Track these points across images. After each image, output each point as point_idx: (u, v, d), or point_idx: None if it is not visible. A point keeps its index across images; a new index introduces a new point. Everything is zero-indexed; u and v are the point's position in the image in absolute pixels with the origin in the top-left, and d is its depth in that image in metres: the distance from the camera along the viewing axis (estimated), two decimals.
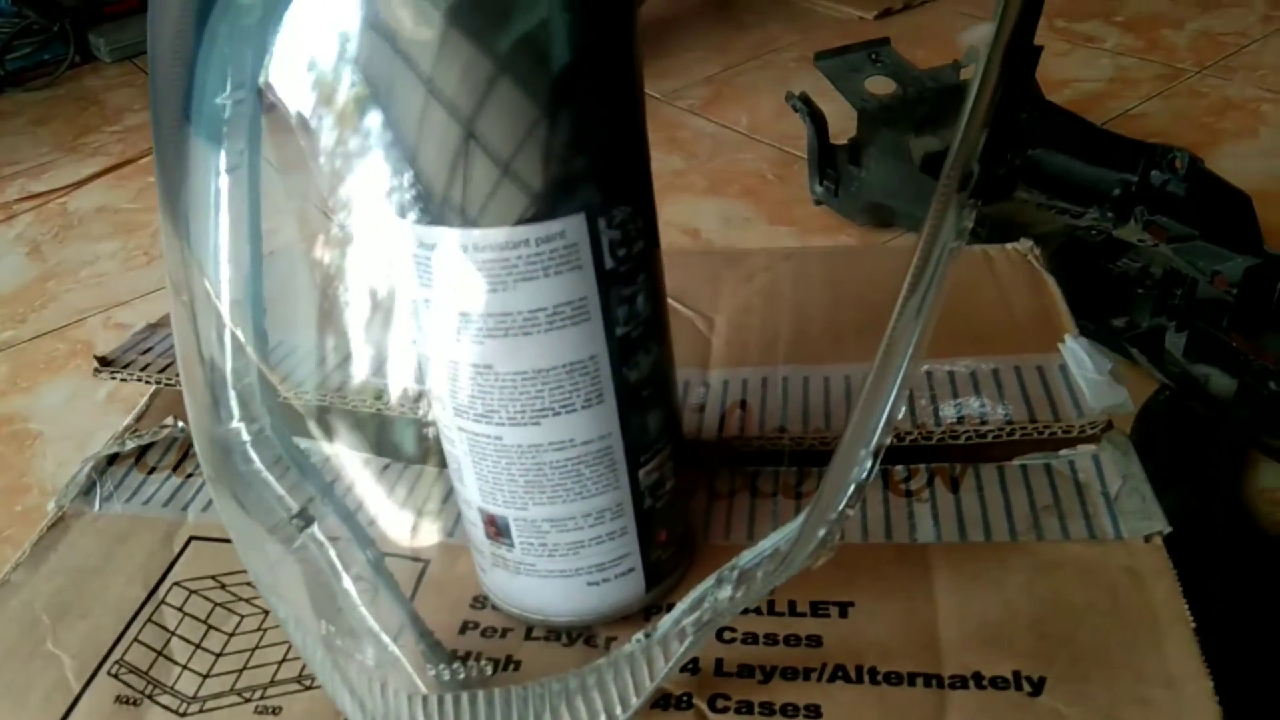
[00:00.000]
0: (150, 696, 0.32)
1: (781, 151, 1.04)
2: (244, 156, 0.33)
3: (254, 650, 0.33)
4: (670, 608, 0.33)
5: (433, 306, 0.28)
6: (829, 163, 0.93)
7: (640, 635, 0.29)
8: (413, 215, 0.27)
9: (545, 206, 0.26)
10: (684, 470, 0.33)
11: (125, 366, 0.42)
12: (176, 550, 0.37)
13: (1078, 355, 0.38)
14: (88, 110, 1.40)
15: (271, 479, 0.32)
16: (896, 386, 0.27)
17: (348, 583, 0.32)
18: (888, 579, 0.33)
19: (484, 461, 0.30)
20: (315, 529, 0.32)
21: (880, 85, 0.94)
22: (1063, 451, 0.36)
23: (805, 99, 0.90)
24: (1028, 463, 0.36)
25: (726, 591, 0.28)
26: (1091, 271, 0.80)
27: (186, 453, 0.41)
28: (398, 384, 0.37)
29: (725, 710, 0.30)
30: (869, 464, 0.28)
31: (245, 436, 0.32)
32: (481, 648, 0.33)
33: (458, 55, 0.25)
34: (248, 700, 0.31)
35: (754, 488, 0.37)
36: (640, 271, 0.29)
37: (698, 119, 1.15)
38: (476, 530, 0.33)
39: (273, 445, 0.33)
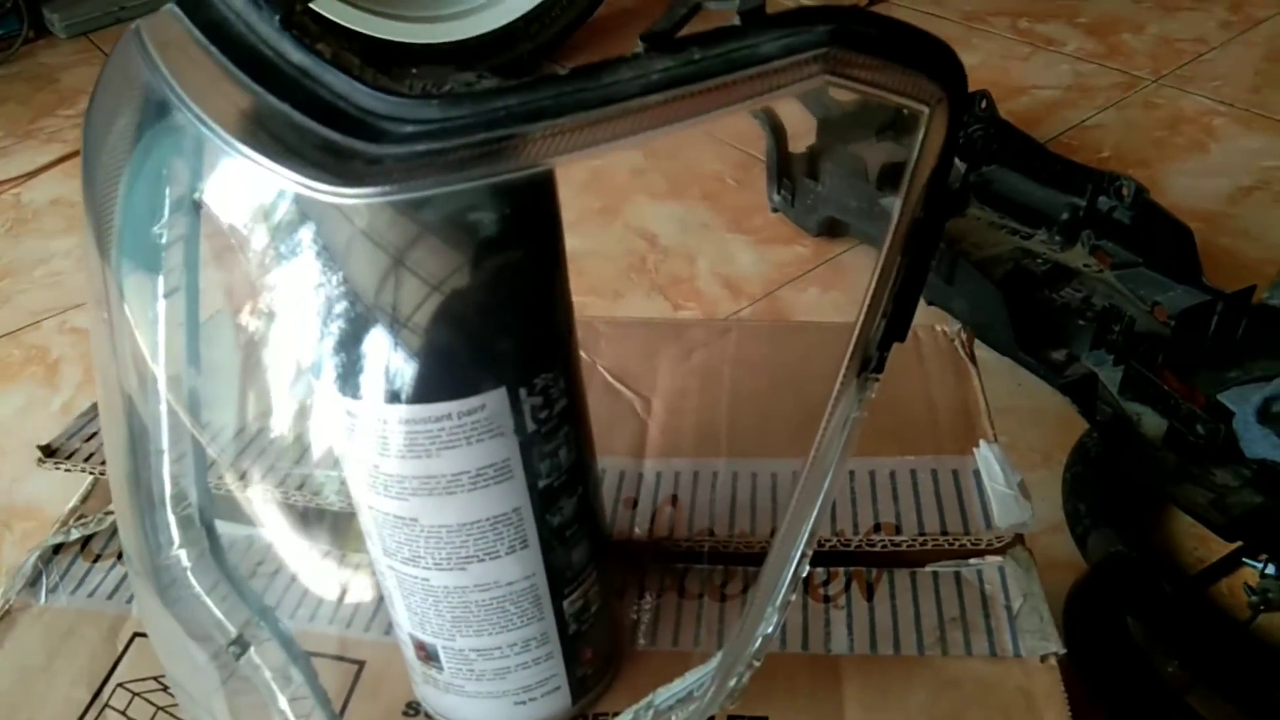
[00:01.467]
0: None
1: (743, 153, 1.05)
2: (182, 279, 0.34)
3: None
4: (595, 719, 0.35)
5: (356, 462, 0.29)
6: (786, 172, 0.94)
7: None
8: (335, 384, 0.28)
9: (467, 385, 0.27)
10: (614, 569, 0.35)
11: (69, 456, 0.43)
12: (120, 648, 0.38)
13: (990, 465, 0.40)
14: (43, 91, 1.38)
15: (210, 603, 0.33)
16: (800, 546, 0.29)
17: (284, 703, 0.33)
18: (800, 692, 0.35)
19: (412, 596, 0.32)
20: (252, 652, 0.33)
21: (845, 91, 0.94)
22: (972, 561, 0.38)
23: (765, 108, 0.91)
24: (939, 569, 0.38)
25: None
26: (1035, 301, 0.82)
27: None
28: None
29: None
30: (774, 619, 0.29)
31: (186, 563, 0.33)
32: None
33: (379, 245, 0.26)
34: None
35: (681, 587, 0.39)
36: (563, 427, 0.30)
37: None
38: (407, 650, 0.34)
39: (212, 570, 0.34)
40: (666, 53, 0.22)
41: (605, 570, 0.34)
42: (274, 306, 0.29)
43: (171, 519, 0.34)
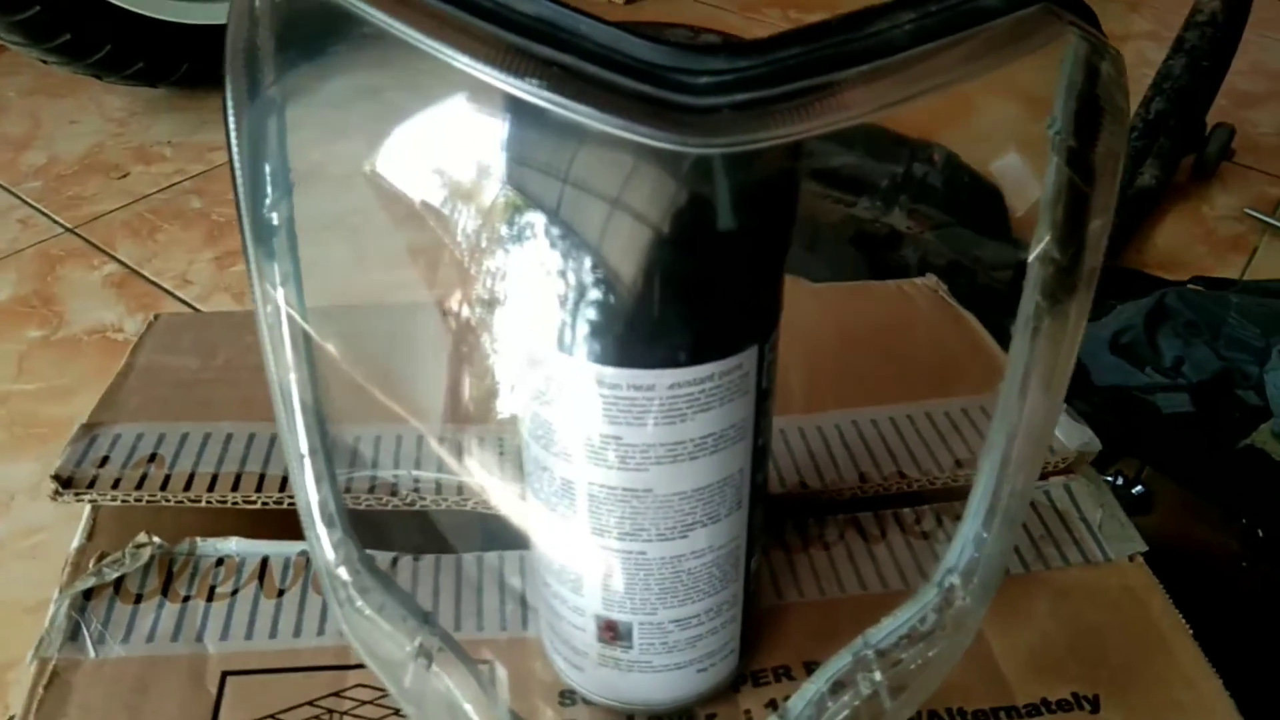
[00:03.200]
0: None
1: None
2: (291, 267, 0.31)
3: None
4: (755, 675, 0.35)
5: (583, 439, 0.28)
6: None
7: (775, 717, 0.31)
8: (592, 356, 0.26)
9: (733, 343, 0.27)
10: None
11: (91, 485, 0.37)
12: (214, 691, 0.33)
13: None
14: None
15: (380, 620, 0.30)
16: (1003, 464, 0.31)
17: (470, 710, 0.31)
18: None
19: (617, 575, 0.31)
20: (435, 666, 0.30)
21: None
22: (1038, 485, 0.41)
23: None
24: None
25: (867, 686, 0.31)
26: (886, 261, 0.89)
27: (170, 570, 0.37)
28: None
29: None
30: (988, 538, 0.31)
31: (346, 577, 0.30)
32: None
33: (667, 204, 0.25)
34: None
35: (783, 541, 0.40)
36: (774, 383, 0.30)
37: None
38: (582, 635, 0.33)
39: (369, 581, 0.31)
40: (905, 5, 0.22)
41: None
42: (510, 284, 0.27)
43: (322, 531, 0.30)
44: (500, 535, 0.40)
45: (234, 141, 0.28)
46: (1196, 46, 1.01)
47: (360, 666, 0.34)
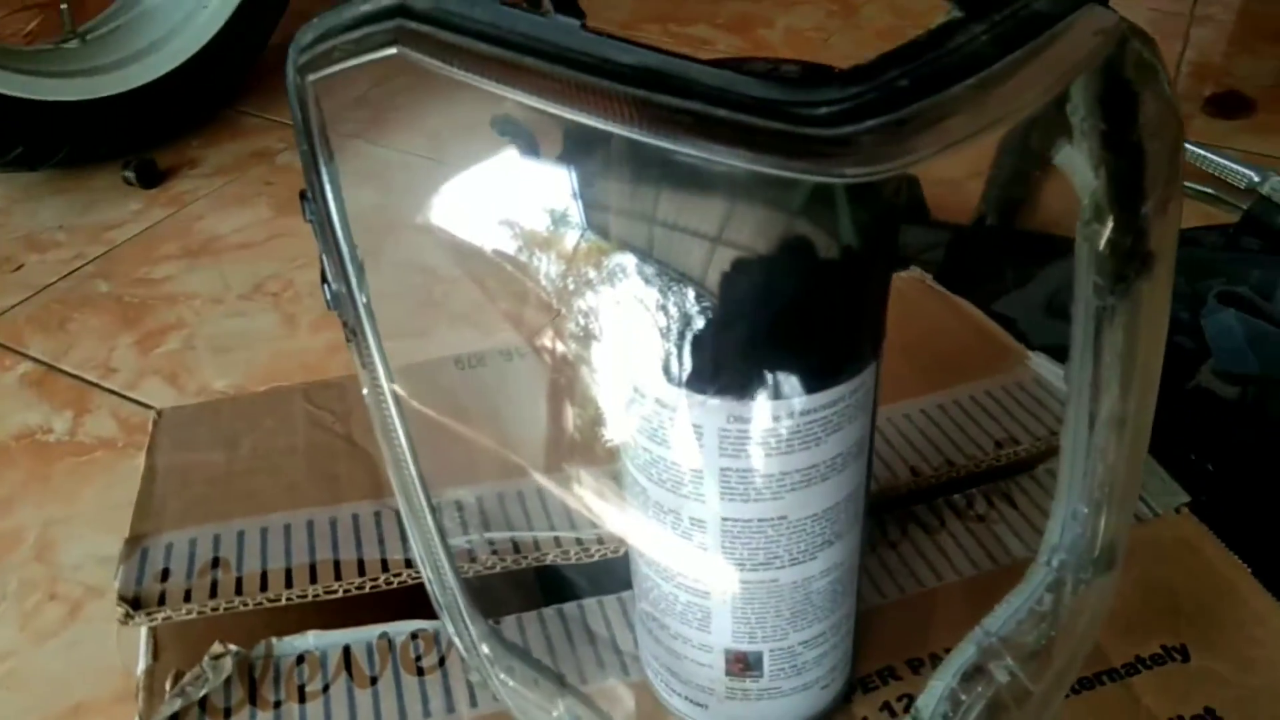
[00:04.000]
0: None
1: None
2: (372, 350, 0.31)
3: None
4: (863, 682, 0.36)
5: (714, 476, 0.28)
6: None
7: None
8: (722, 395, 0.27)
9: (859, 362, 0.28)
10: None
11: (161, 601, 0.35)
12: None
13: (1050, 369, 0.46)
14: None
15: (522, 689, 0.30)
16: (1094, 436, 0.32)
17: None
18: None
19: (749, 605, 0.31)
20: None
21: None
22: None
23: (508, 119, 0.91)
24: (1050, 468, 0.43)
25: (1003, 675, 0.31)
26: None
27: (252, 677, 0.35)
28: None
29: None
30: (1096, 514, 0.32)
31: (488, 652, 0.30)
32: None
33: (808, 230, 0.25)
34: None
35: None
36: None
37: (378, 148, 1.10)
38: (709, 671, 0.33)
39: (497, 647, 0.30)
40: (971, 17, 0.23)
41: None
42: (616, 331, 0.27)
43: (466, 611, 0.30)
44: (571, 585, 0.40)
45: (337, 229, 0.28)
46: None
47: None
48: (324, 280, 0.31)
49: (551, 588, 0.41)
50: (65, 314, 0.91)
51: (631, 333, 0.27)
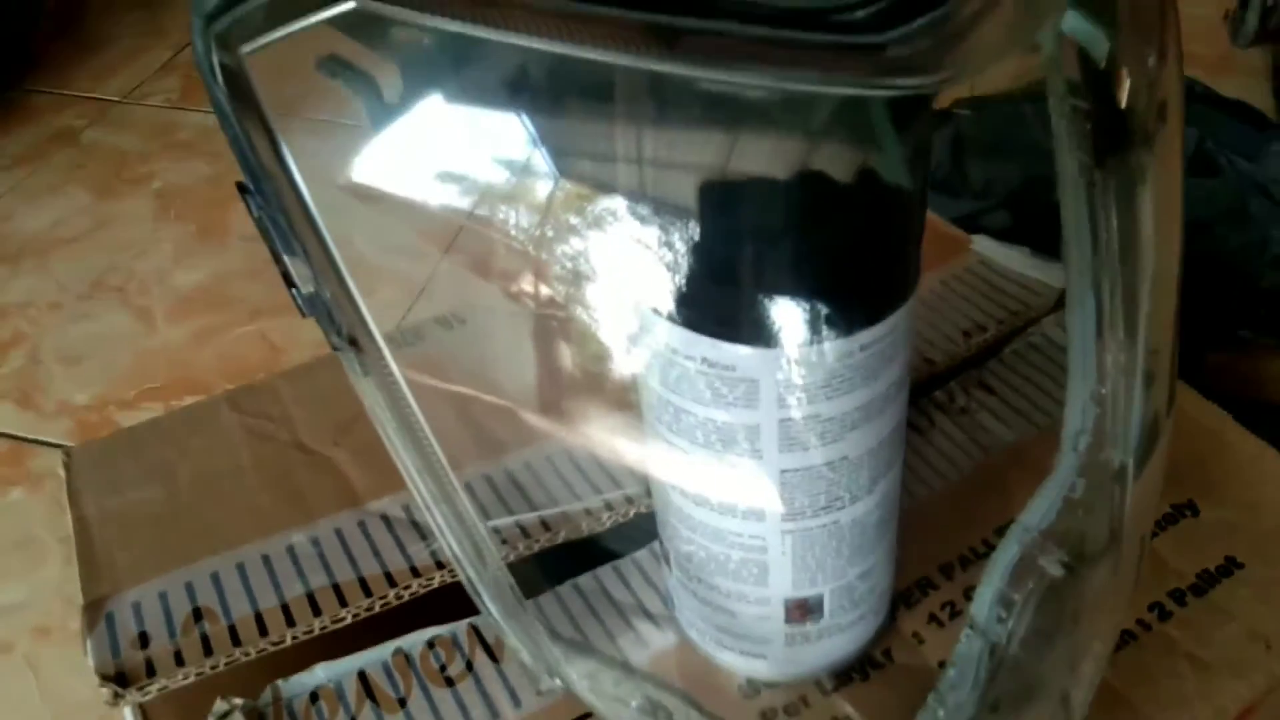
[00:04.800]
0: None
1: None
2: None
3: None
4: (903, 596, 0.35)
5: (772, 428, 0.26)
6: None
7: (966, 629, 0.32)
8: (785, 342, 0.24)
9: (908, 288, 0.26)
10: None
11: (150, 673, 0.30)
12: None
13: (993, 248, 0.45)
14: None
15: (600, 685, 0.28)
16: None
17: None
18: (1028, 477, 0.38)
19: (809, 551, 0.29)
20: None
21: None
22: (1030, 329, 0.43)
23: (337, 60, 0.85)
24: (1017, 348, 0.43)
25: (1054, 565, 0.31)
26: None
27: None
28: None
29: None
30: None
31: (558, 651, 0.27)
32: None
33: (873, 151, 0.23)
34: None
35: None
36: None
37: (191, 114, 1.01)
38: (767, 623, 0.31)
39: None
40: None
41: None
42: (657, 283, 0.24)
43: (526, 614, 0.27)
44: (569, 556, 0.38)
45: (316, 220, 0.24)
46: None
47: None
48: (290, 285, 0.26)
49: (550, 563, 0.38)
50: None
51: (669, 292, 0.25)
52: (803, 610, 0.31)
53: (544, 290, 0.30)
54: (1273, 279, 0.67)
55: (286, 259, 0.27)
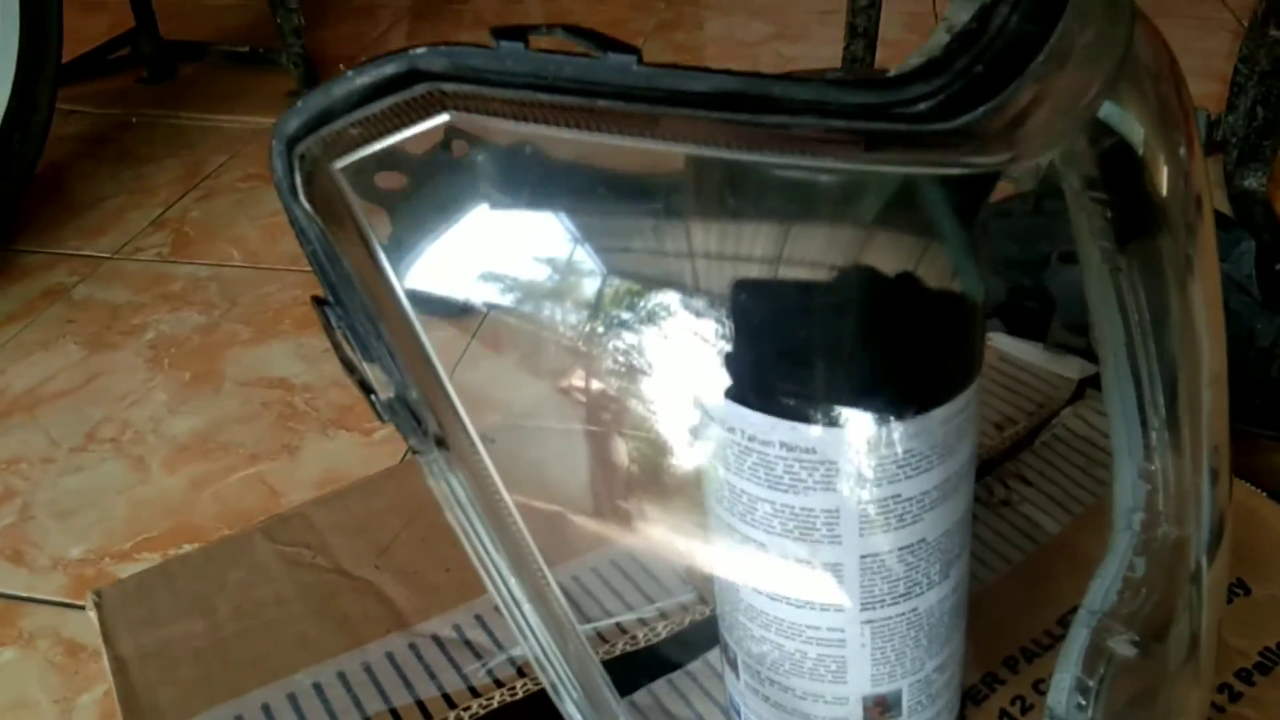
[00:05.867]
0: None
1: (305, 274, 0.98)
2: None
3: None
4: (969, 694, 0.35)
5: (854, 509, 0.26)
6: None
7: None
8: (868, 420, 0.25)
9: (977, 366, 0.26)
10: None
11: None
12: None
13: (1006, 342, 0.47)
14: None
15: None
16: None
17: None
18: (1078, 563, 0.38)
19: (889, 644, 0.29)
20: None
21: None
22: (1054, 422, 0.44)
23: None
24: (1045, 440, 0.44)
25: (1127, 649, 0.31)
26: None
27: None
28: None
29: None
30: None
31: None
32: None
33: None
34: None
35: None
36: None
37: (182, 266, 1.02)
38: None
39: None
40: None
41: None
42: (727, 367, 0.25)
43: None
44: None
45: (409, 316, 0.24)
46: None
47: None
48: (369, 392, 0.26)
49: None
50: None
51: (748, 377, 0.25)
52: (882, 708, 0.30)
53: (595, 386, 0.30)
54: (1261, 371, 0.69)
55: (365, 366, 0.27)
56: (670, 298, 0.26)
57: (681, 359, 0.27)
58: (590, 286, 0.27)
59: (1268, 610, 0.36)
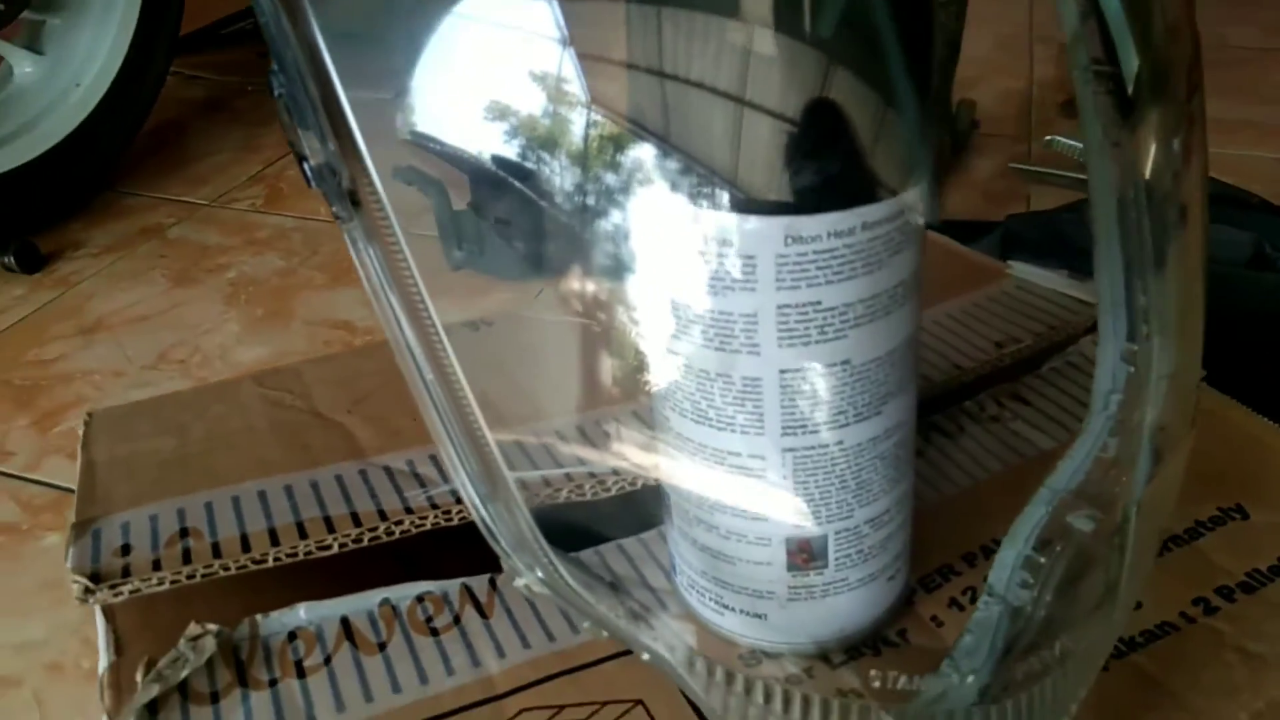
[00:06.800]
0: None
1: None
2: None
3: None
4: (922, 582, 0.33)
5: (772, 313, 0.25)
6: (463, 228, 0.93)
7: (985, 596, 0.29)
8: (775, 210, 0.24)
9: (914, 171, 0.25)
10: None
11: (125, 575, 0.29)
12: None
13: (1030, 271, 0.45)
14: None
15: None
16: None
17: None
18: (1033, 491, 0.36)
19: (811, 478, 0.28)
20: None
21: None
22: (1070, 349, 0.42)
23: (415, 170, 0.89)
24: (1056, 365, 0.42)
25: (1085, 524, 0.29)
26: None
27: (238, 659, 0.30)
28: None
29: None
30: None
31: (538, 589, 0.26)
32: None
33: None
34: None
35: None
36: None
37: (271, 217, 1.06)
38: (768, 570, 0.29)
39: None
40: None
41: None
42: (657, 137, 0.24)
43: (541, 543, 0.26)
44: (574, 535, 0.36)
45: (331, 73, 0.24)
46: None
47: (516, 691, 0.29)
48: (302, 160, 0.27)
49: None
50: None
51: (666, 161, 0.25)
52: (806, 555, 0.29)
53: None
54: None
55: (300, 133, 0.27)
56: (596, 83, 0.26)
57: (622, 145, 0.26)
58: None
59: (1265, 536, 0.33)
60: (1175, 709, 0.28)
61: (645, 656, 0.27)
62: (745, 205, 0.24)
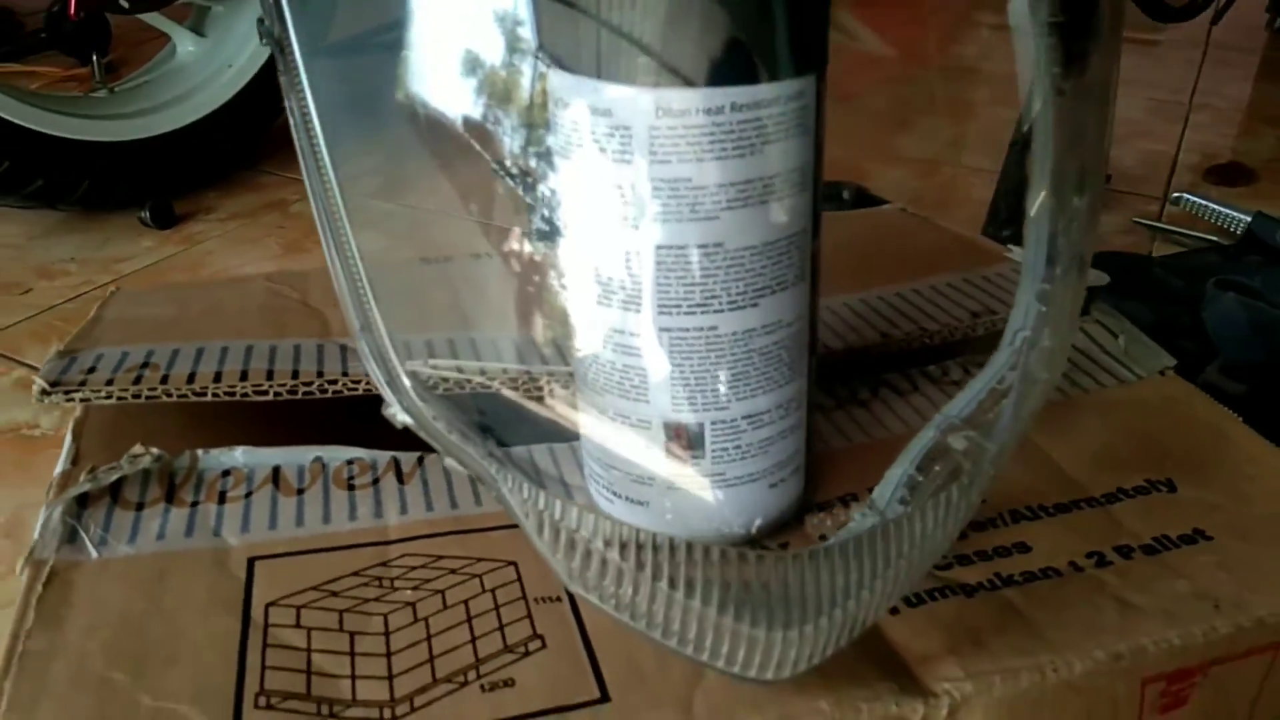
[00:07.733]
0: (335, 716, 0.25)
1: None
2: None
3: (437, 635, 0.28)
4: (820, 506, 0.33)
5: (646, 184, 0.27)
6: None
7: (864, 509, 0.30)
8: (647, 81, 0.26)
9: (798, 62, 0.27)
10: None
11: (81, 384, 0.33)
12: (243, 574, 0.30)
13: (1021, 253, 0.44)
14: None
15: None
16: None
17: None
18: None
19: (687, 361, 0.29)
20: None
21: None
22: None
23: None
24: None
25: (960, 443, 0.29)
26: None
27: (172, 481, 0.33)
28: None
29: (966, 563, 0.31)
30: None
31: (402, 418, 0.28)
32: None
33: None
34: (465, 683, 0.26)
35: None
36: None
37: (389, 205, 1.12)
38: (649, 453, 0.30)
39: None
40: None
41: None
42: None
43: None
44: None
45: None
46: None
47: (405, 540, 0.31)
48: (260, 23, 0.30)
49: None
50: (65, 329, 0.91)
51: (553, 29, 0.27)
52: (684, 441, 0.30)
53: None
54: None
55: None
56: None
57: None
58: None
59: (1186, 509, 0.32)
60: (1029, 636, 0.28)
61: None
62: (621, 74, 0.26)
